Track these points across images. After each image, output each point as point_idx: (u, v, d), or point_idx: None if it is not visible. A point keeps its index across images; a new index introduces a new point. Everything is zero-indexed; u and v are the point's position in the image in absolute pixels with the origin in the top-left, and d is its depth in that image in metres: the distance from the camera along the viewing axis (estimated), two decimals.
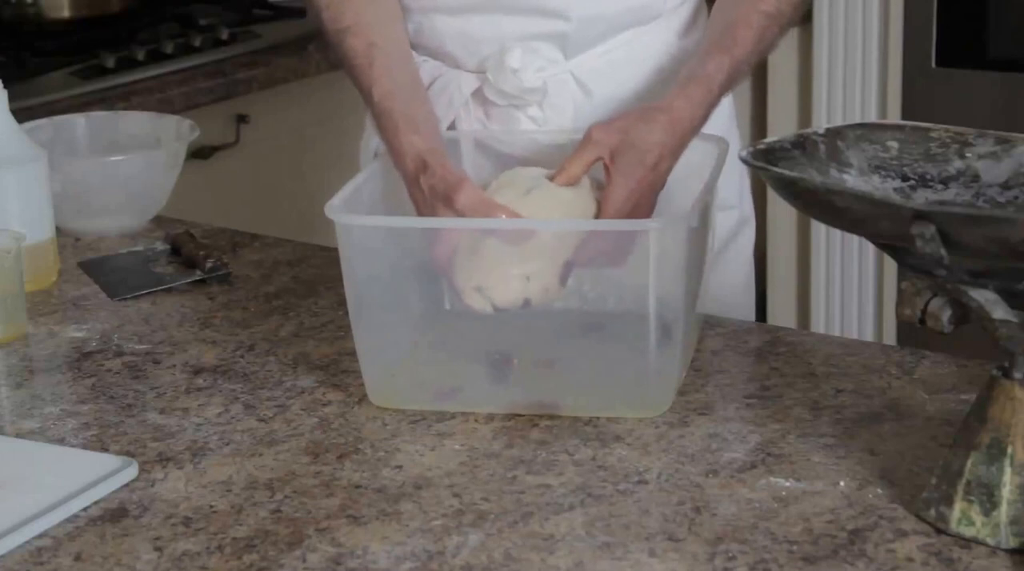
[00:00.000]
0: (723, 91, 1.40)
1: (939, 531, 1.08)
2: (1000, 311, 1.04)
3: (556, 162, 1.54)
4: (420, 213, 1.35)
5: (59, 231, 1.69)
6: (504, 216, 1.29)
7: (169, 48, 2.56)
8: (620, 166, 1.32)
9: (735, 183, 1.67)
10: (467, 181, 1.31)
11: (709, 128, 1.46)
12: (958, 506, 1.08)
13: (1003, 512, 1.06)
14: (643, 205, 1.33)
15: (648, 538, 1.10)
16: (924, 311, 1.07)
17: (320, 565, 1.08)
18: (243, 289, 1.61)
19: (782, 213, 3.12)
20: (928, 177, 1.16)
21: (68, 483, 1.18)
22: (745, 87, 3.17)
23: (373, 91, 1.42)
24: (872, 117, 2.96)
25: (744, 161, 1.13)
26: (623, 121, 1.35)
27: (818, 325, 3.11)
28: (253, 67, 2.58)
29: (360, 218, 1.31)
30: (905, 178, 1.16)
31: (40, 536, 1.13)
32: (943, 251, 1.01)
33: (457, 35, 1.59)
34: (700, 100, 1.37)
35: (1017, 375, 1.07)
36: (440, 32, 1.59)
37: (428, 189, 1.33)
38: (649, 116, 1.35)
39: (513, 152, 1.57)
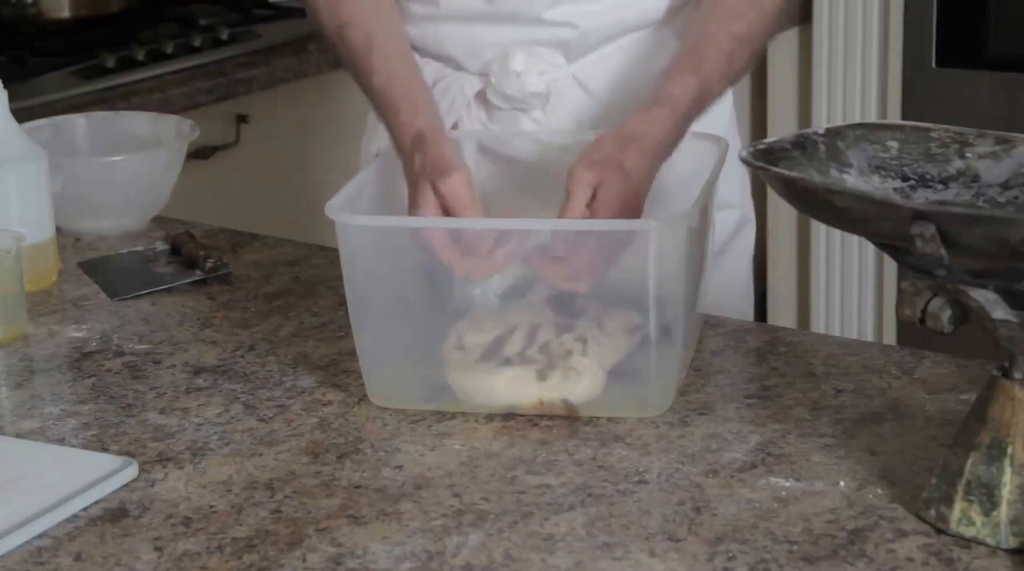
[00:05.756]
0: (692, 112, 1.36)
1: (939, 531, 1.08)
2: (1000, 311, 1.04)
3: (558, 163, 1.54)
4: (410, 191, 1.35)
5: (59, 231, 1.69)
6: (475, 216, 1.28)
7: (169, 48, 2.56)
8: (606, 195, 1.30)
9: (735, 183, 1.67)
10: (458, 169, 1.31)
11: (709, 128, 1.46)
12: (958, 506, 1.08)
13: (1003, 512, 1.06)
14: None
15: (648, 538, 1.10)
16: (924, 311, 1.07)
17: (320, 565, 1.08)
18: (243, 289, 1.61)
19: (782, 213, 3.13)
20: (928, 177, 1.16)
21: (68, 483, 1.18)
22: (745, 87, 3.17)
23: (373, 78, 1.41)
24: (872, 117, 2.96)
25: (744, 161, 1.13)
26: (601, 152, 1.32)
27: (818, 325, 3.11)
28: (253, 67, 2.58)
29: (360, 218, 1.31)
30: (905, 178, 1.16)
31: (40, 536, 1.13)
32: (943, 251, 1.01)
33: (460, 40, 1.59)
34: (666, 122, 1.34)
35: (1017, 375, 1.07)
36: (443, 37, 1.60)
37: (419, 166, 1.33)
38: (623, 144, 1.32)
39: (515, 153, 1.57)
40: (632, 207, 1.32)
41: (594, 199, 1.30)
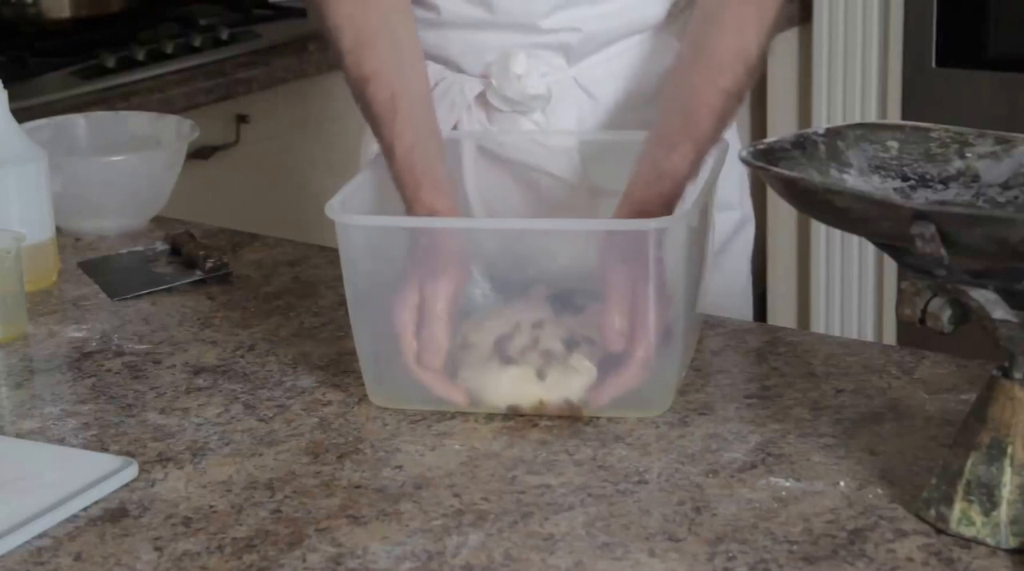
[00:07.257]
0: (689, 178, 1.35)
1: (939, 531, 1.08)
2: (1000, 311, 1.04)
3: (557, 165, 1.55)
4: (405, 271, 1.33)
5: (59, 231, 1.69)
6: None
7: (169, 48, 2.56)
8: (614, 275, 1.28)
9: (735, 183, 1.67)
10: (451, 275, 1.29)
11: None
12: (958, 506, 1.08)
13: (1003, 512, 1.06)
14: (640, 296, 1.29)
15: (648, 538, 1.10)
16: (924, 311, 1.07)
17: (320, 565, 1.08)
18: (243, 289, 1.61)
19: (782, 213, 3.13)
20: (928, 177, 1.16)
21: (68, 483, 1.18)
22: None
23: (395, 145, 1.36)
24: (872, 117, 2.96)
25: (744, 161, 1.13)
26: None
27: (818, 325, 3.11)
28: (253, 67, 2.58)
29: (360, 218, 1.31)
30: (905, 178, 1.16)
31: (40, 536, 1.13)
32: (943, 251, 1.01)
33: (461, 43, 1.59)
34: (669, 195, 1.32)
35: (1017, 375, 1.07)
36: (444, 41, 1.59)
37: (421, 253, 1.30)
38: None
39: (515, 155, 1.57)
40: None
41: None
